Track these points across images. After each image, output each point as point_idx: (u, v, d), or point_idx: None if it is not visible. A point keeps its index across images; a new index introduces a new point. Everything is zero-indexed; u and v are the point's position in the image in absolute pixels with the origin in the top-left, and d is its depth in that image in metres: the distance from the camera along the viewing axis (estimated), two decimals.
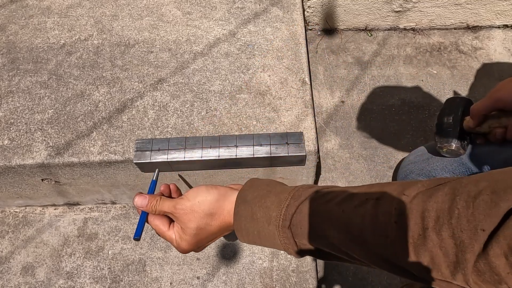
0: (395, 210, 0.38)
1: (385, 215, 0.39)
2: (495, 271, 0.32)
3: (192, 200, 0.51)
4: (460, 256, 0.33)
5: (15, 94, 0.88)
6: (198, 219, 0.50)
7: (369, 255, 0.39)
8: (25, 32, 0.98)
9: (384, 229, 0.38)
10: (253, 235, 0.47)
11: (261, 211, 0.46)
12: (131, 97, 0.86)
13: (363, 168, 1.09)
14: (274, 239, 0.45)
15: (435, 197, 0.36)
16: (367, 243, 0.39)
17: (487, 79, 1.24)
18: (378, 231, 0.38)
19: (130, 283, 0.90)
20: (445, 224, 0.34)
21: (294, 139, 0.78)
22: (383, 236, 0.38)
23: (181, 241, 0.51)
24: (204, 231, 0.51)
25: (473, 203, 0.33)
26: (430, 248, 0.35)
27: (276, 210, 0.45)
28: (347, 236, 0.40)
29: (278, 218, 0.44)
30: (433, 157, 0.77)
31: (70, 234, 0.96)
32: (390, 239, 0.37)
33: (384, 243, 0.38)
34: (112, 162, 0.80)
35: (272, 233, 0.45)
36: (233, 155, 0.77)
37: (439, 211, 0.35)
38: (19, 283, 0.91)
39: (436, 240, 0.35)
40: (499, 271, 0.32)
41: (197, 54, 0.93)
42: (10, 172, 0.83)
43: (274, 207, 0.45)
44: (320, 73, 1.28)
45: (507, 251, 0.31)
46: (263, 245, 0.48)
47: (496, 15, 1.31)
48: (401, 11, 1.29)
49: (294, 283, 0.90)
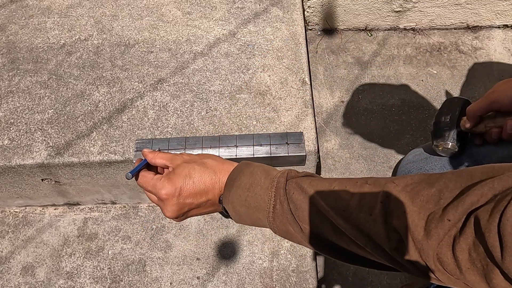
0: (383, 192, 0.41)
1: (372, 195, 0.41)
2: (458, 265, 0.34)
3: (192, 156, 0.53)
4: (425, 242, 0.36)
5: (15, 94, 0.88)
6: (190, 167, 0.51)
7: (353, 230, 0.41)
8: (25, 32, 0.98)
9: (369, 207, 0.40)
10: (244, 190, 0.47)
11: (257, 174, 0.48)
12: (131, 97, 0.86)
13: (363, 168, 1.09)
14: (264, 193, 0.46)
15: (421, 189, 0.39)
16: (351, 217, 0.41)
17: (487, 79, 1.24)
18: (363, 208, 0.41)
19: (130, 283, 0.90)
20: (423, 210, 0.37)
21: (294, 139, 0.78)
22: (367, 213, 0.40)
23: (164, 184, 0.51)
24: (190, 182, 0.50)
25: (445, 195, 0.37)
26: (401, 228, 0.38)
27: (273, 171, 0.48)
28: (332, 208, 0.42)
29: (277, 174, 0.47)
30: (431, 156, 0.77)
31: (70, 234, 0.96)
32: (373, 217, 0.40)
33: (367, 220, 0.40)
34: (112, 162, 0.80)
35: (265, 186, 0.46)
36: (233, 155, 0.77)
37: (422, 197, 0.38)
38: (19, 283, 0.91)
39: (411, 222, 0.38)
40: (460, 265, 0.34)
41: (197, 54, 0.93)
42: (10, 172, 0.83)
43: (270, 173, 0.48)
44: (320, 73, 1.28)
45: (472, 247, 0.33)
46: (248, 203, 0.47)
47: (496, 15, 1.31)
48: (401, 11, 1.29)
49: (294, 283, 0.90)
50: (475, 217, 0.34)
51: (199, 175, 0.50)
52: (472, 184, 0.36)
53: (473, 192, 0.35)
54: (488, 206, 0.33)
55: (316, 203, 0.43)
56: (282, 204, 0.45)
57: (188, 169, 0.51)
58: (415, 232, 0.37)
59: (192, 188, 0.50)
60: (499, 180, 0.34)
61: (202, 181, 0.50)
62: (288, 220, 0.45)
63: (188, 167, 0.51)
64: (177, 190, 0.50)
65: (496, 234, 0.32)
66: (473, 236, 0.34)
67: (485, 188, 0.34)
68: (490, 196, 0.34)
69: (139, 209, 0.99)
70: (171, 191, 0.50)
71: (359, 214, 0.41)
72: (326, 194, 0.44)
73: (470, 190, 0.35)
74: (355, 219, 0.41)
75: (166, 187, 0.50)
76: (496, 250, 0.31)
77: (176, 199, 0.50)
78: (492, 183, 0.34)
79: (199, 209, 0.52)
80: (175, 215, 0.52)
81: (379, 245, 0.40)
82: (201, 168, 0.51)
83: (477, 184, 0.35)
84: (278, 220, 0.45)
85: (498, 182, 0.34)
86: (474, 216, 0.34)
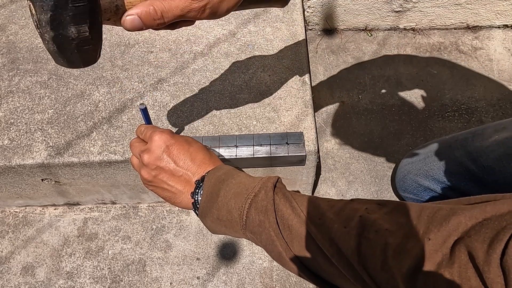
0: (365, 210, 0.39)
1: (352, 210, 0.40)
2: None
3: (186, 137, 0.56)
4: (396, 260, 0.34)
5: (15, 94, 0.88)
6: (177, 138, 0.53)
7: (324, 239, 0.39)
8: (25, 32, 0.98)
9: (346, 219, 0.39)
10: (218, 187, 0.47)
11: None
12: (131, 97, 0.86)
13: (363, 168, 1.09)
14: (248, 184, 0.46)
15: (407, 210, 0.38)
16: (324, 226, 0.40)
17: (487, 79, 1.24)
18: (340, 220, 0.39)
19: (130, 283, 0.90)
20: (412, 235, 0.35)
21: (294, 139, 0.78)
22: (342, 225, 0.39)
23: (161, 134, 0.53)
24: (170, 151, 0.51)
25: (433, 217, 0.34)
26: (373, 245, 0.36)
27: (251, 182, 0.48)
28: (310, 214, 0.41)
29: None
30: (430, 157, 0.77)
31: (70, 234, 0.96)
32: (347, 230, 0.38)
33: (340, 231, 0.39)
34: (112, 162, 0.80)
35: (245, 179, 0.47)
36: (233, 155, 0.77)
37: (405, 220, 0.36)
38: (19, 283, 0.91)
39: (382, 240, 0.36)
40: None
41: (197, 54, 0.93)
42: (10, 172, 0.83)
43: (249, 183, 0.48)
44: (320, 73, 1.28)
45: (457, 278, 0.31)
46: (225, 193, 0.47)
47: (496, 15, 1.31)
48: (401, 11, 1.29)
49: (294, 283, 0.90)
50: (467, 248, 0.31)
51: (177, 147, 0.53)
52: (460, 206, 0.34)
53: (462, 212, 0.33)
54: (483, 236, 0.30)
55: (297, 212, 0.42)
56: (266, 194, 0.45)
57: (173, 138, 0.54)
58: (389, 251, 0.35)
59: (167, 159, 0.52)
60: (493, 205, 0.32)
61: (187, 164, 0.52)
62: (266, 210, 0.44)
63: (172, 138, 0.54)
64: (168, 144, 0.52)
65: (498, 269, 0.29)
66: (459, 268, 0.31)
67: (475, 211, 0.32)
68: (480, 220, 0.31)
69: (139, 209, 0.99)
70: (166, 138, 0.52)
71: (333, 224, 0.39)
72: (307, 203, 0.43)
73: (459, 210, 0.33)
74: (328, 228, 0.39)
75: (162, 135, 0.53)
76: (497, 287, 0.29)
77: (150, 159, 0.52)
78: (484, 207, 0.32)
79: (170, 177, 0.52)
80: (152, 164, 0.52)
81: (346, 258, 0.38)
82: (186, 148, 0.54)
83: (466, 206, 0.33)
84: (253, 208, 0.45)
85: (491, 207, 0.32)
86: (465, 246, 0.31)
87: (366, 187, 1.06)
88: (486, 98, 1.20)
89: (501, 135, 0.67)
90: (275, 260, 0.45)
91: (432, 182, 0.75)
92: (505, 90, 1.22)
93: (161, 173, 0.52)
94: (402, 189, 0.83)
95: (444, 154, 0.74)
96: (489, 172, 0.66)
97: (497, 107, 1.18)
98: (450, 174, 0.72)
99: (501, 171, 0.64)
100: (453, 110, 1.18)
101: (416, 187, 0.79)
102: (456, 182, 0.72)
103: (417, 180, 0.78)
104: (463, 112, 1.18)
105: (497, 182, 0.65)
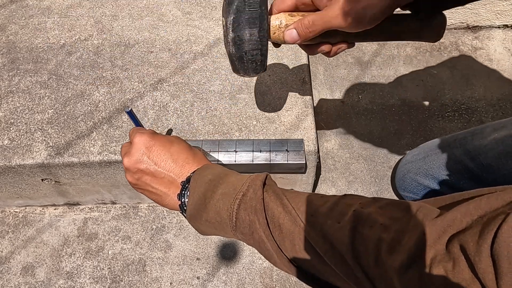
0: (359, 204, 0.39)
1: (346, 205, 0.40)
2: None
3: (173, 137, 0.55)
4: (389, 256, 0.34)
5: (15, 94, 0.88)
6: (158, 138, 0.52)
7: (317, 236, 0.39)
8: (25, 32, 0.98)
9: (339, 214, 0.39)
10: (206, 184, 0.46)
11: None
12: (131, 97, 0.86)
13: (363, 168, 1.09)
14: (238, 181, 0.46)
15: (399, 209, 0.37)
16: (318, 222, 0.39)
17: (487, 79, 1.24)
18: (333, 215, 0.39)
19: (130, 283, 0.90)
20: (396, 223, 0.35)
21: (294, 147, 0.78)
22: (335, 220, 0.38)
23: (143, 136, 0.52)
24: (154, 148, 0.51)
25: (428, 213, 0.34)
26: (367, 240, 0.36)
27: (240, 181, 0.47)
28: (301, 212, 0.41)
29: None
30: (430, 156, 0.78)
31: (70, 234, 0.96)
32: (340, 225, 0.38)
33: (333, 226, 0.38)
34: (112, 162, 0.80)
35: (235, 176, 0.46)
36: (233, 160, 0.77)
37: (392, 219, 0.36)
38: (19, 283, 0.91)
39: (374, 236, 0.36)
40: None
41: (197, 54, 0.93)
42: (10, 172, 0.83)
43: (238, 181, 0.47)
44: (320, 73, 1.28)
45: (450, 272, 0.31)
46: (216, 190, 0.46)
47: (496, 15, 1.31)
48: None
49: (294, 283, 0.90)
50: (459, 241, 0.31)
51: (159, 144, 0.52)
52: (456, 202, 0.34)
53: (457, 209, 0.32)
54: (475, 229, 0.30)
55: (289, 209, 0.41)
56: (255, 193, 0.43)
57: (157, 139, 0.53)
58: (382, 246, 0.34)
59: (151, 157, 0.51)
60: (487, 199, 0.31)
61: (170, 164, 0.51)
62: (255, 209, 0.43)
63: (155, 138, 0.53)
64: (150, 144, 0.52)
65: (488, 258, 0.28)
66: (452, 262, 0.31)
67: (471, 206, 0.31)
68: (476, 217, 0.31)
69: (139, 209, 0.99)
70: (145, 139, 0.52)
71: (326, 220, 0.38)
72: (299, 199, 0.42)
73: (455, 207, 0.32)
74: (321, 224, 0.39)
75: (144, 136, 0.52)
76: (489, 277, 0.28)
77: (134, 156, 0.51)
78: (479, 202, 0.31)
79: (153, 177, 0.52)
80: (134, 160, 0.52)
81: (340, 254, 0.37)
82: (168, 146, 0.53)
83: (461, 202, 0.33)
84: (242, 209, 0.43)
85: (485, 202, 0.31)
86: (458, 240, 0.31)
87: (366, 187, 1.06)
88: (486, 98, 1.20)
89: (500, 133, 0.67)
90: (268, 261, 0.44)
91: (431, 181, 0.75)
92: (505, 90, 1.22)
93: (143, 175, 0.51)
94: (402, 188, 0.83)
95: (444, 153, 0.74)
96: (488, 170, 0.66)
97: (497, 107, 1.18)
98: (450, 173, 0.72)
99: (499, 169, 0.65)
100: (453, 110, 1.18)
101: (415, 186, 0.79)
102: (455, 180, 0.72)
103: (416, 179, 0.78)
104: (463, 112, 1.18)
105: (496, 180, 0.65)
